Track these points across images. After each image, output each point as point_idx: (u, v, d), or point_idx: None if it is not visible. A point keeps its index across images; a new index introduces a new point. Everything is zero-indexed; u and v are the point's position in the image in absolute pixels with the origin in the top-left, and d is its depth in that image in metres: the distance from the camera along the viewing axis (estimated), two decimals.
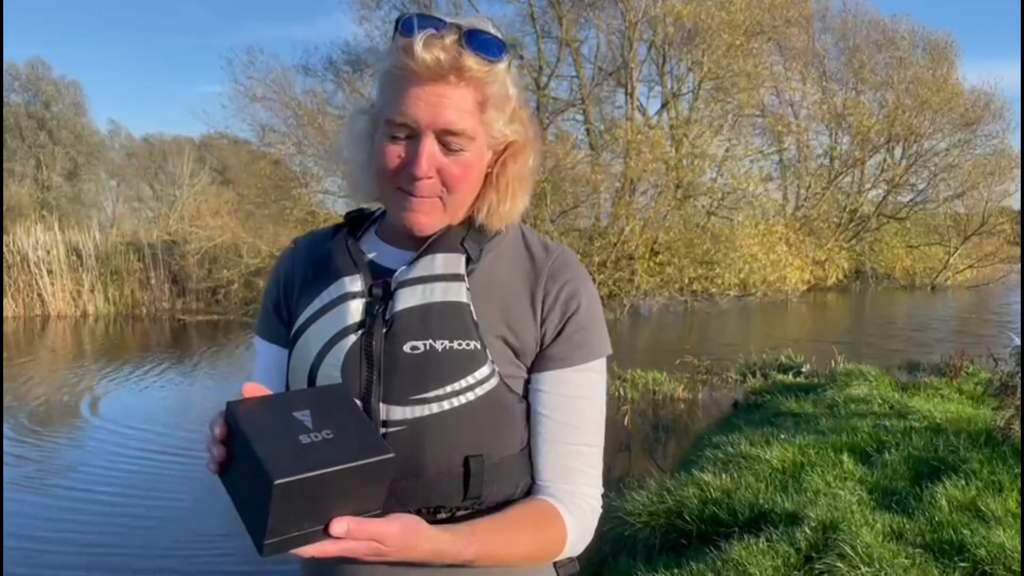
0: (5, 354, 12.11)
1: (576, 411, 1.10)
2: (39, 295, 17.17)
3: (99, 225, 21.02)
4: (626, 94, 18.23)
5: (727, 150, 17.99)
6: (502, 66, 1.06)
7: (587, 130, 18.44)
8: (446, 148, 1.05)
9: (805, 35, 21.18)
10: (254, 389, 0.91)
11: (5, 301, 16.80)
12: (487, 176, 1.11)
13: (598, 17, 17.87)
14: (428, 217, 1.08)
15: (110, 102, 67.17)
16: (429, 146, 1.04)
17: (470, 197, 1.11)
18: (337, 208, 17.57)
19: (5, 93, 30.06)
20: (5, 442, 7.22)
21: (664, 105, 18.77)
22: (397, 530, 0.89)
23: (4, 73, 29.94)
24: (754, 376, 9.15)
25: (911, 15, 31.89)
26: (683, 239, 16.53)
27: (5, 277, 16.91)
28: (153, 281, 18.08)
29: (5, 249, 17.17)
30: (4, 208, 24.08)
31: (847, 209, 23.16)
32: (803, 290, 18.74)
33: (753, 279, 16.57)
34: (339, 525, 0.84)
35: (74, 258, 17.62)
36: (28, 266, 17.10)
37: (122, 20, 64.75)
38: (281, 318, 1.17)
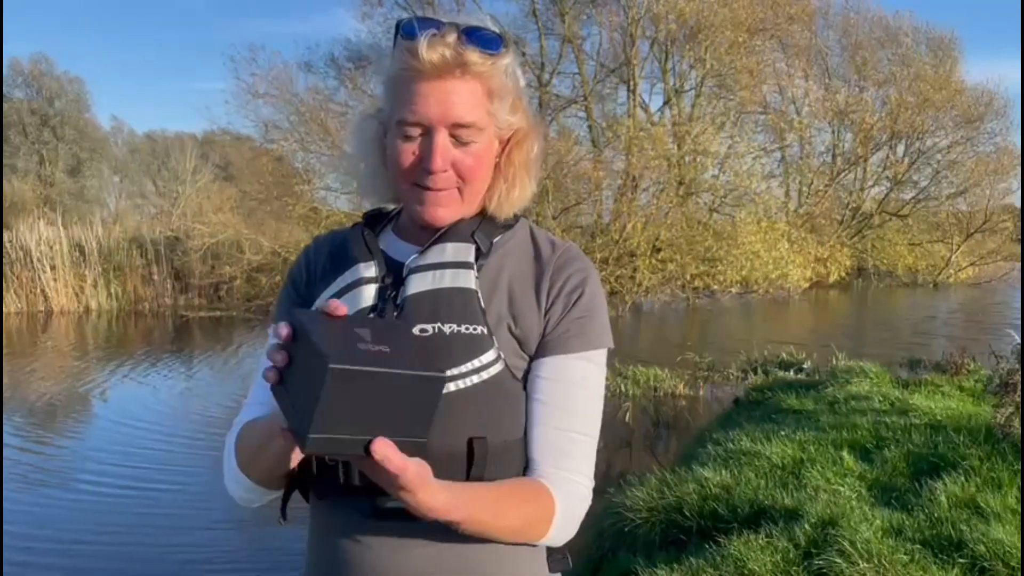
0: (8, 350, 12.15)
1: (571, 397, 1.12)
2: (42, 291, 17.20)
3: (102, 221, 21.04)
4: (628, 91, 18.22)
5: (729, 147, 17.97)
6: (503, 59, 1.10)
7: (589, 127, 18.44)
8: (457, 141, 1.09)
9: (808, 32, 21.16)
10: (338, 305, 0.92)
11: (9, 296, 16.84)
12: (495, 166, 1.16)
13: (600, 14, 17.86)
14: (446, 210, 1.12)
15: (112, 98, 67.29)
16: (442, 141, 1.08)
17: (484, 186, 1.15)
18: (339, 205, 17.57)
19: (9, 89, 30.11)
20: (6, 438, 7.24)
21: (666, 102, 18.77)
22: (412, 472, 0.89)
23: (7, 69, 30.01)
24: (755, 373, 9.16)
25: (914, 12, 31.87)
26: (685, 236, 16.52)
27: (8, 272, 16.96)
28: (155, 277, 18.11)
29: (8, 245, 17.21)
30: (7, 204, 24.12)
31: (849, 206, 23.15)
32: (805, 287, 18.75)
33: (755, 276, 16.56)
34: (381, 448, 0.85)
35: (77, 254, 17.65)
36: (31, 262, 17.14)
37: (121, 15, 64.91)
38: (300, 305, 1.20)
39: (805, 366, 9.12)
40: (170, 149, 32.84)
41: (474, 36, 1.07)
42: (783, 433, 5.46)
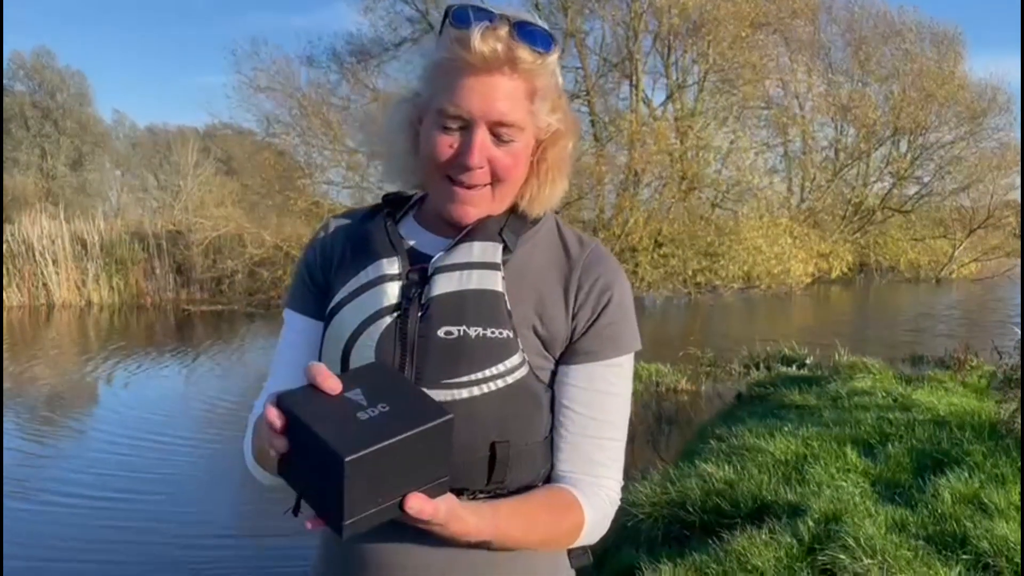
0: (11, 343, 12.16)
1: (603, 405, 1.11)
2: (44, 284, 17.22)
3: (104, 215, 21.04)
4: (631, 86, 18.17)
5: (732, 142, 17.93)
6: (550, 58, 1.08)
7: (592, 122, 18.37)
8: (497, 139, 1.07)
9: (811, 27, 21.08)
10: (319, 370, 0.89)
11: (11, 290, 16.86)
12: (530, 164, 1.13)
13: (603, 8, 17.79)
14: (476, 208, 1.10)
15: (113, 91, 67.36)
16: (481, 137, 1.06)
17: (518, 185, 1.13)
18: (341, 199, 17.57)
19: (10, 82, 30.10)
20: (8, 433, 7.23)
21: (669, 97, 18.71)
22: (444, 512, 0.91)
23: (8, 63, 30.01)
24: (757, 368, 9.15)
25: (918, 7, 31.70)
26: (687, 231, 16.51)
27: (11, 266, 16.97)
28: (158, 271, 18.11)
29: (10, 238, 17.22)
30: (9, 198, 24.13)
31: (852, 202, 23.09)
32: (807, 283, 18.72)
33: (757, 271, 16.56)
34: (414, 503, 0.86)
35: (79, 248, 17.67)
36: (33, 255, 17.15)
37: (122, 9, 64.90)
38: (318, 290, 1.17)
39: (807, 362, 9.09)
40: (172, 143, 32.72)
41: (526, 32, 1.05)
42: (786, 429, 5.45)
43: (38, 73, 31.10)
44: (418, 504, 0.86)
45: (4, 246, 16.86)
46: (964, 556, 3.37)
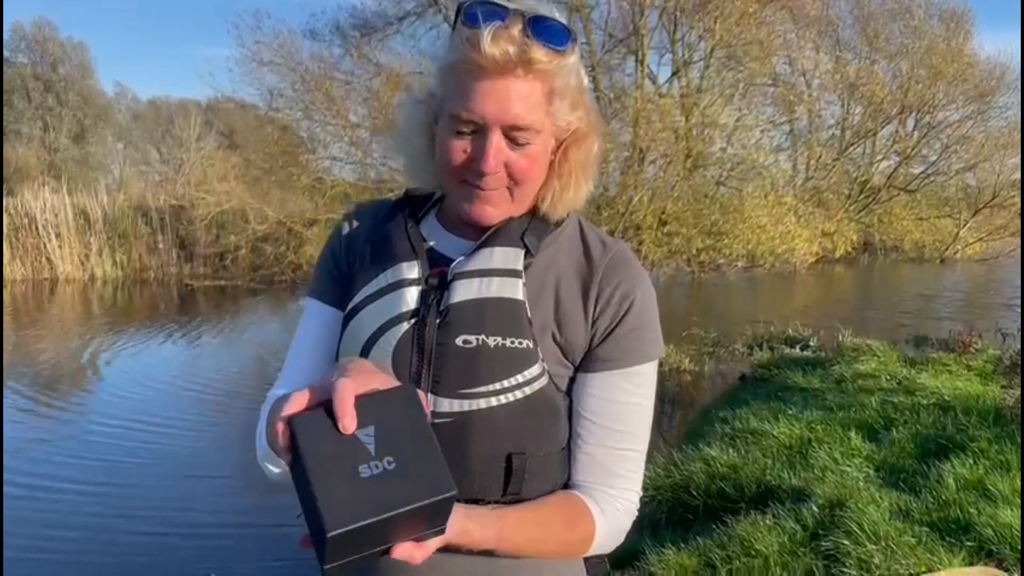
0: (13, 317, 12.18)
1: (621, 416, 1.08)
2: (47, 258, 17.21)
3: (106, 188, 20.99)
4: (636, 62, 17.99)
5: (737, 120, 17.79)
6: (569, 58, 1.04)
7: (596, 98, 18.22)
8: (512, 142, 1.03)
9: (819, 3, 20.82)
10: (344, 403, 0.82)
11: (14, 264, 16.85)
12: (550, 164, 1.10)
13: None
14: (496, 208, 1.07)
15: (114, 63, 66.89)
16: (496, 141, 1.02)
17: (536, 187, 1.09)
18: (344, 174, 17.48)
19: (12, 54, 29.93)
20: (10, 412, 7.24)
21: (675, 73, 18.51)
22: (440, 543, 0.89)
23: (10, 34, 29.81)
24: (761, 349, 9.13)
25: None
26: (691, 209, 16.41)
27: (14, 239, 16.95)
28: (160, 246, 18.09)
29: (13, 211, 17.18)
30: (11, 170, 24.06)
31: (857, 180, 22.96)
32: (811, 262, 18.66)
33: (761, 250, 16.48)
34: (402, 551, 0.83)
35: (82, 221, 17.63)
36: (36, 229, 17.12)
37: None
38: (343, 280, 1.15)
39: (811, 343, 9.08)
40: (174, 115, 32.63)
41: (540, 29, 1.00)
42: (790, 412, 5.46)
43: (40, 45, 30.91)
44: (406, 552, 0.83)
45: (6, 219, 16.83)
46: (968, 543, 3.37)
